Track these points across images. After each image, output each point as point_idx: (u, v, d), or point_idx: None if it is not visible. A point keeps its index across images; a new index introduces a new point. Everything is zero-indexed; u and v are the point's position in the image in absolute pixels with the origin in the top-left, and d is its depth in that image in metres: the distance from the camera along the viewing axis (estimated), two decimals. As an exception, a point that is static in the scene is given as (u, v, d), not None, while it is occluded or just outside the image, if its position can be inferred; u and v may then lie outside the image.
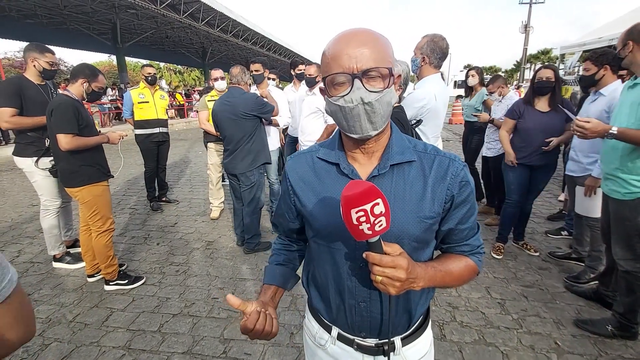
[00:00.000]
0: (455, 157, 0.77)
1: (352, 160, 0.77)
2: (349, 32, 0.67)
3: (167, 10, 13.27)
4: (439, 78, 2.16)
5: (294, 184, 0.83)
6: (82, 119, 2.33)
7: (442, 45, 2.09)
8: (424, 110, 2.09)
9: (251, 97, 2.81)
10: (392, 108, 0.70)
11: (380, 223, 0.59)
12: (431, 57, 2.10)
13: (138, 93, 4.01)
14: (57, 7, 13.25)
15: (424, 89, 2.06)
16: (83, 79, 2.37)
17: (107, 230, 2.52)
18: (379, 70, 0.65)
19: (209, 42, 21.34)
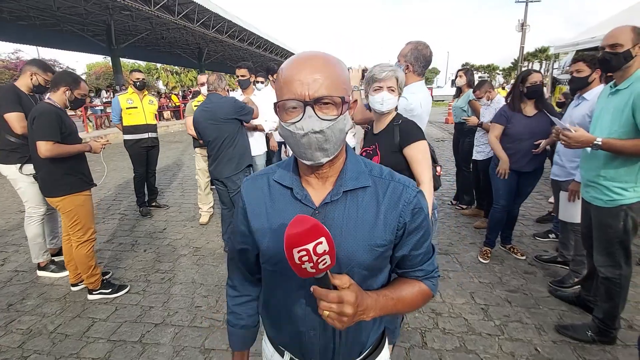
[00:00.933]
0: (410, 184, 0.76)
1: (306, 184, 0.76)
2: (304, 57, 0.66)
3: (162, 11, 13.21)
4: (422, 85, 2.16)
5: (247, 207, 0.82)
6: (65, 127, 2.31)
7: (425, 54, 2.08)
8: (408, 115, 2.08)
9: (229, 100, 2.82)
10: (345, 135, 0.69)
11: (325, 261, 0.58)
12: (415, 65, 2.09)
13: (126, 98, 3.99)
14: (49, 8, 13.16)
15: (411, 97, 2.05)
16: (65, 87, 2.35)
17: (88, 240, 2.50)
18: (332, 98, 0.64)
19: (205, 43, 21.27)
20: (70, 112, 10.52)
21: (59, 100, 2.36)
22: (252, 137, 3.56)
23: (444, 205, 4.42)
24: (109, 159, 8.03)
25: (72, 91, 2.38)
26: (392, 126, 1.73)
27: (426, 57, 2.07)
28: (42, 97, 2.84)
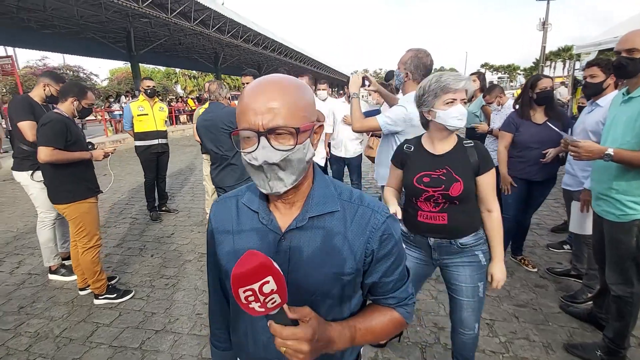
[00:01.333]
0: (379, 208, 0.73)
1: (273, 208, 0.74)
2: (260, 84, 0.63)
3: (179, 18, 13.55)
4: None
5: (215, 230, 0.81)
6: (71, 135, 2.38)
7: (426, 62, 2.03)
8: (407, 125, 2.03)
9: (230, 110, 2.80)
10: (306, 163, 0.66)
11: (273, 300, 0.56)
12: (415, 73, 2.04)
13: (137, 106, 4.09)
14: (73, 17, 13.72)
15: (410, 106, 2.00)
16: (72, 98, 2.43)
17: (93, 246, 2.56)
18: (287, 128, 0.61)
19: (220, 48, 21.66)
20: (90, 117, 10.78)
21: (68, 110, 2.43)
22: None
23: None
24: (126, 163, 8.26)
25: (80, 101, 2.46)
26: (463, 147, 1.47)
27: (426, 65, 2.02)
28: (55, 107, 2.95)
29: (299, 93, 0.64)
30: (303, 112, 0.63)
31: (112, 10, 13.26)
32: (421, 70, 2.03)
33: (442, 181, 1.42)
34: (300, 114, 0.63)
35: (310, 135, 0.66)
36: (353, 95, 2.16)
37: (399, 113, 2.00)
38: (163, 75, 41.82)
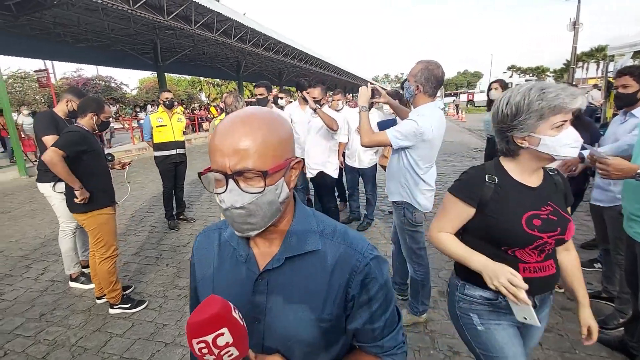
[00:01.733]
0: (363, 249, 0.68)
1: (253, 245, 0.71)
2: (230, 123, 0.59)
3: (202, 29, 13.98)
4: (434, 107, 2.03)
5: (196, 264, 0.79)
6: (90, 145, 2.45)
7: (437, 74, 1.96)
8: (417, 140, 1.96)
9: None
10: (280, 204, 0.62)
11: (229, 353, 0.52)
12: (425, 85, 1.97)
13: (156, 117, 4.21)
14: (104, 31, 14.45)
15: (421, 120, 1.93)
16: (92, 113, 2.52)
17: (110, 256, 2.63)
18: (255, 171, 0.57)
19: (242, 56, 22.15)
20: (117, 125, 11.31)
21: (87, 125, 2.52)
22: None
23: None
24: (149, 170, 8.53)
25: (99, 116, 2.55)
26: (550, 176, 1.19)
27: (437, 77, 1.95)
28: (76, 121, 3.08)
29: (271, 131, 0.60)
30: (274, 152, 0.59)
31: (140, 24, 13.88)
32: (432, 82, 1.95)
33: (554, 222, 1.10)
34: (270, 154, 0.59)
35: (285, 174, 0.62)
36: (362, 108, 2.11)
37: (409, 127, 1.93)
38: (188, 83, 43.24)
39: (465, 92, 49.87)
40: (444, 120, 2.12)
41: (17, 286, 3.16)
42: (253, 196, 0.58)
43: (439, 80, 1.96)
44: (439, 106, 9.60)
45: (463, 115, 20.93)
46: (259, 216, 0.60)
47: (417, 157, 2.03)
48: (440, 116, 2.05)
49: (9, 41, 13.23)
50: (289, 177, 0.64)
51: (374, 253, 0.68)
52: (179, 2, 11.75)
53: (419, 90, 1.99)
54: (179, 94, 32.48)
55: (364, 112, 2.10)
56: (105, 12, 12.17)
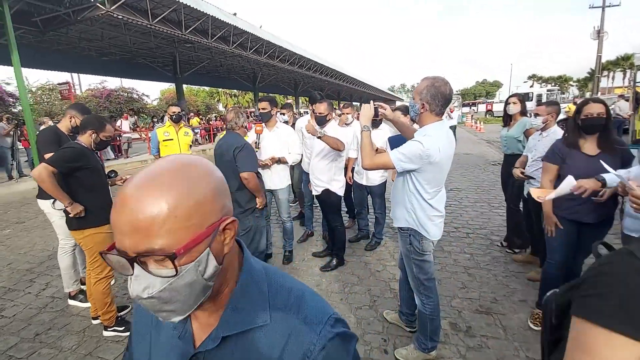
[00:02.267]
0: (320, 327, 0.53)
1: (194, 317, 0.58)
2: (130, 189, 0.46)
3: (218, 42, 14.28)
4: (441, 126, 1.87)
5: (134, 329, 0.66)
6: (86, 162, 2.40)
7: (444, 91, 1.80)
8: (423, 162, 1.80)
9: (237, 145, 2.67)
10: (206, 281, 0.49)
11: None
12: (432, 104, 1.82)
13: (163, 131, 4.20)
14: (126, 45, 15.01)
15: (427, 141, 1.77)
16: (91, 130, 2.48)
17: (106, 277, 2.55)
18: (162, 251, 0.44)
19: (258, 68, 22.54)
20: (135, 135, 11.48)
21: (86, 142, 2.49)
22: (275, 170, 3.48)
23: (492, 247, 3.87)
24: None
25: (98, 134, 2.51)
26: None
27: (444, 94, 1.79)
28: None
29: (186, 194, 0.46)
30: (190, 221, 0.46)
31: (160, 37, 14.32)
32: (439, 100, 1.80)
33: None
34: (184, 225, 0.45)
35: (211, 243, 0.48)
36: (364, 128, 1.97)
37: (414, 149, 1.77)
38: (207, 94, 44.34)
39: (483, 101, 48.95)
40: (453, 140, 1.95)
41: (18, 302, 3.14)
42: (166, 280, 0.45)
43: (447, 98, 1.80)
44: (453, 121, 9.45)
45: (481, 126, 20.41)
46: (179, 302, 0.47)
47: (424, 180, 1.86)
48: (448, 136, 1.88)
49: (37, 55, 13.88)
50: (218, 243, 0.50)
51: (334, 330, 0.53)
52: (196, 17, 12.05)
53: (425, 109, 1.84)
54: (197, 105, 33.27)
55: (366, 132, 1.96)
56: (128, 27, 12.59)
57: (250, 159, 2.65)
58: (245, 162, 2.63)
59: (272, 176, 3.50)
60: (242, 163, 2.63)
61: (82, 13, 9.42)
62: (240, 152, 2.65)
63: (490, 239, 4.08)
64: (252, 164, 2.65)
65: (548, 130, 3.05)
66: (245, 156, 2.64)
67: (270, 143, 3.45)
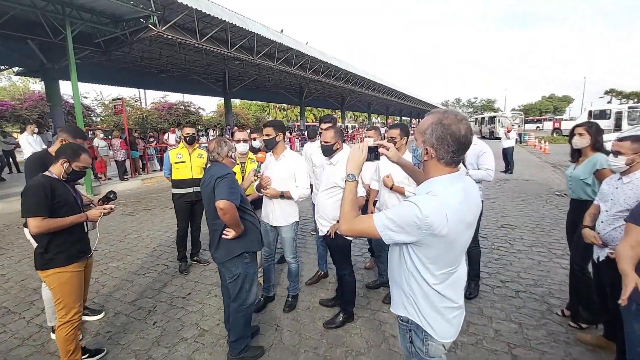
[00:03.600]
0: None
1: None
2: None
3: (264, 59, 14.58)
4: (455, 181, 1.27)
5: None
6: (58, 198, 2.19)
7: (455, 132, 1.23)
8: (422, 234, 1.21)
9: (220, 175, 2.30)
10: None
11: None
12: (439, 149, 1.25)
13: (176, 153, 4.01)
14: (181, 62, 16.01)
15: (430, 204, 1.20)
16: (63, 160, 2.27)
17: (69, 321, 2.28)
18: None
19: (305, 83, 22.77)
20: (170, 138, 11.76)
21: (57, 172, 2.27)
22: (278, 205, 3.04)
23: (549, 316, 3.00)
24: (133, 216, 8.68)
25: (71, 163, 2.28)
26: None
27: (457, 136, 1.22)
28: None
29: None
30: None
31: (212, 55, 15.02)
32: (449, 145, 1.22)
33: None
34: None
35: None
36: (348, 177, 1.44)
37: (407, 214, 1.21)
38: (258, 107, 46.19)
39: (550, 118, 44.45)
40: (477, 200, 1.34)
41: (9, 327, 3.03)
42: None
43: (460, 142, 1.22)
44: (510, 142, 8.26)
45: (546, 147, 18.17)
46: None
47: (427, 259, 1.28)
48: (468, 195, 1.28)
49: (105, 72, 15.32)
50: None
51: None
52: (243, 35, 12.37)
53: (429, 156, 1.27)
54: (248, 118, 34.63)
55: (351, 184, 1.43)
56: (182, 46, 13.33)
57: (229, 187, 2.24)
58: (222, 190, 2.23)
59: (275, 211, 3.07)
60: (218, 191, 2.24)
61: (137, 34, 10.10)
62: (221, 181, 2.26)
63: (548, 303, 3.19)
64: (230, 193, 2.23)
65: (632, 175, 2.22)
66: (224, 185, 2.24)
67: (275, 173, 3.04)
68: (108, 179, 10.53)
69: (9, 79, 29.51)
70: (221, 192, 2.21)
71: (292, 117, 44.46)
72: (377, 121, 53.27)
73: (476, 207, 1.32)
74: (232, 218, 2.29)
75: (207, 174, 2.44)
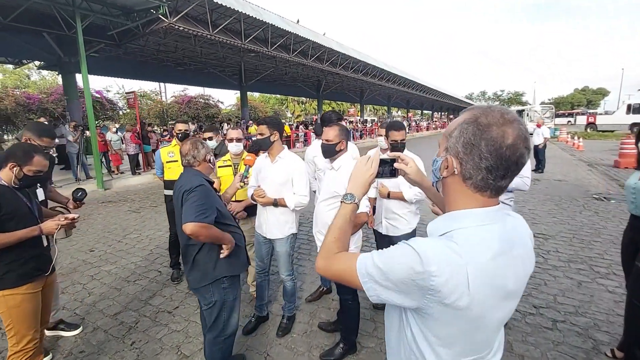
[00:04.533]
0: None
1: None
2: None
3: (279, 50, 14.15)
4: (492, 220, 0.80)
5: None
6: (5, 209, 1.88)
7: (497, 138, 0.75)
8: (428, 298, 0.76)
9: (191, 185, 1.89)
10: None
11: None
12: (466, 161, 0.79)
13: (167, 152, 3.67)
14: (197, 55, 15.84)
15: (441, 255, 0.74)
16: (12, 163, 1.93)
17: (22, 351, 1.97)
18: None
19: (323, 75, 22.21)
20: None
21: (6, 178, 1.94)
22: (272, 214, 2.64)
23: (597, 357, 2.45)
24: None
25: (21, 167, 1.95)
26: None
27: (498, 147, 0.76)
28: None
29: None
30: None
31: (227, 48, 14.74)
32: (482, 156, 0.76)
33: None
34: None
35: None
36: (345, 197, 1.01)
37: (401, 264, 0.77)
38: (277, 100, 45.96)
39: (583, 112, 41.73)
40: (525, 253, 0.85)
41: (-18, 341, 2.80)
42: None
43: (503, 155, 0.74)
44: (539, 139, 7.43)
45: (580, 143, 16.82)
46: None
47: (435, 337, 0.81)
48: (508, 247, 0.80)
49: (122, 66, 15.37)
50: None
51: None
52: (257, 25, 11.97)
53: (450, 171, 0.81)
54: (267, 111, 34.44)
55: (347, 206, 1.00)
56: (197, 39, 13.09)
57: (198, 204, 1.82)
58: (189, 209, 1.82)
59: (269, 221, 2.66)
60: (185, 209, 1.84)
61: (149, 26, 9.89)
62: (189, 195, 1.86)
63: (593, 339, 2.64)
64: (200, 212, 1.81)
65: None
66: (193, 201, 1.83)
67: (270, 178, 2.63)
68: (121, 172, 10.51)
69: (39, 73, 30.61)
70: (188, 213, 1.80)
71: (311, 111, 43.97)
72: (397, 115, 51.91)
73: (525, 266, 0.85)
74: (209, 237, 1.90)
75: (177, 183, 2.05)
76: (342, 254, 0.96)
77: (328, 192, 2.36)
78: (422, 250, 0.76)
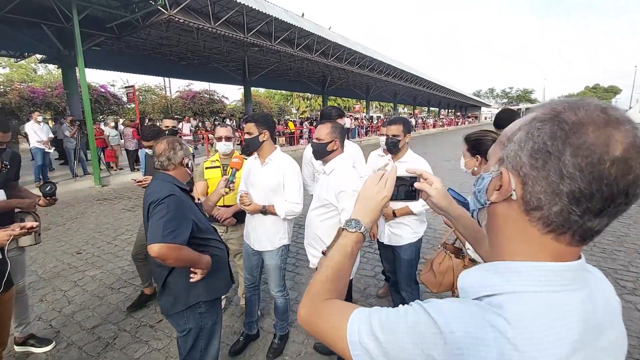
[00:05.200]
0: None
1: None
2: None
3: (282, 45, 13.80)
4: (571, 282, 0.49)
5: None
6: None
7: (595, 146, 0.43)
8: None
9: (156, 206, 1.56)
10: None
11: None
12: (535, 181, 0.47)
13: (154, 149, 3.39)
14: (201, 50, 15.57)
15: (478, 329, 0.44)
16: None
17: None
18: None
19: (328, 71, 21.81)
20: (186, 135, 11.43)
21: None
22: (261, 223, 2.34)
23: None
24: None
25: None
26: None
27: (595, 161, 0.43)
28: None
29: None
30: None
31: (230, 42, 14.43)
32: (564, 174, 0.44)
33: None
34: None
35: None
36: (349, 224, 0.73)
37: (411, 346, 0.46)
38: (282, 96, 45.60)
39: (595, 111, 40.57)
40: (619, 339, 0.55)
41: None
42: None
43: (604, 177, 0.42)
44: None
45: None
46: None
47: None
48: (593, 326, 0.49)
49: (125, 60, 15.14)
50: None
51: None
52: (260, 18, 11.65)
53: (503, 194, 0.51)
54: (271, 107, 34.13)
55: (349, 235, 0.72)
56: (200, 32, 12.80)
57: (167, 220, 1.50)
58: (155, 226, 1.50)
59: (258, 231, 2.37)
60: (151, 228, 1.52)
61: (149, 18, 9.62)
62: (155, 208, 1.55)
63: (626, 370, 2.31)
64: (168, 231, 1.49)
65: None
66: (159, 218, 1.51)
67: (260, 182, 2.33)
68: (120, 169, 10.30)
69: (46, 67, 30.60)
70: (154, 231, 1.48)
71: (316, 107, 43.54)
72: (403, 112, 51.30)
73: (613, 350, 0.54)
74: (179, 261, 1.58)
75: (145, 191, 1.76)
76: (332, 303, 0.67)
77: (319, 199, 2.06)
78: (444, 323, 0.46)
